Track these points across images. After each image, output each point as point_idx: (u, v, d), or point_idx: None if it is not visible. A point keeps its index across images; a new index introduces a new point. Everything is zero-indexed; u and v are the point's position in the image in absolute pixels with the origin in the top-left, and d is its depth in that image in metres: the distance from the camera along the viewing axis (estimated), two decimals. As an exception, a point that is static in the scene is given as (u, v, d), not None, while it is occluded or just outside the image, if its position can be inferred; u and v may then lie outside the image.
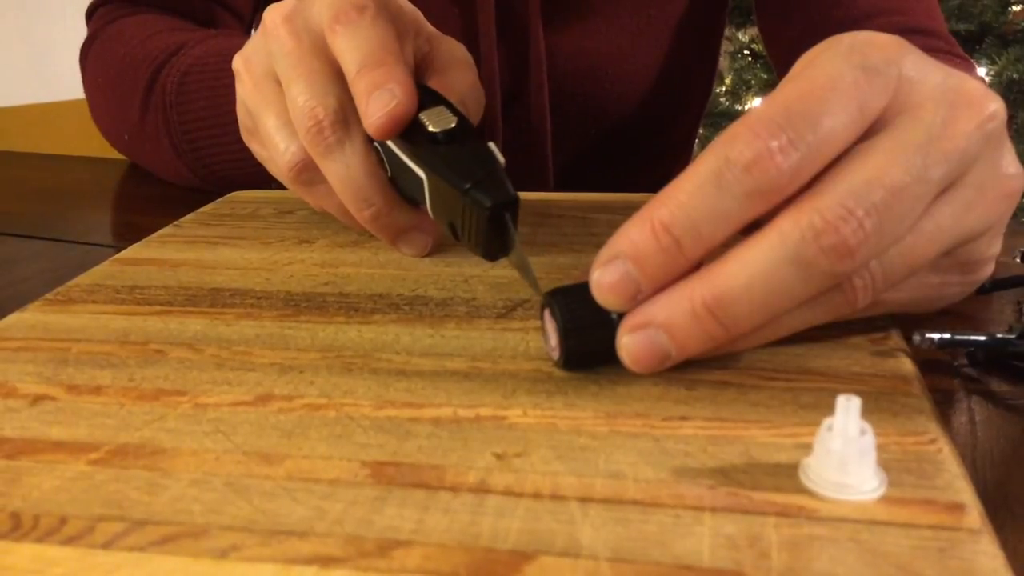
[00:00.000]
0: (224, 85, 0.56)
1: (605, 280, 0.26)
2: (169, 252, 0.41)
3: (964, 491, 0.22)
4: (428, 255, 0.40)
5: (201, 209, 0.49)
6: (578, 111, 0.72)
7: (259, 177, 0.46)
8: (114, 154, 0.71)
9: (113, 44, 0.66)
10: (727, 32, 2.04)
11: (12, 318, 0.34)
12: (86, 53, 0.69)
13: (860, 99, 0.25)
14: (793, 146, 0.25)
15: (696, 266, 0.26)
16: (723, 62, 2.08)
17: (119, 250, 0.42)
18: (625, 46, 0.71)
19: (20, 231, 0.54)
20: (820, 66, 0.26)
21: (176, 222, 0.46)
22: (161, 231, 0.45)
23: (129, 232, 0.52)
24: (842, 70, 0.26)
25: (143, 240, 0.43)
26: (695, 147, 0.85)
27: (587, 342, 0.28)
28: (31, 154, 0.82)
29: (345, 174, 0.37)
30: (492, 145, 0.34)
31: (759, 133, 0.25)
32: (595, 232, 0.43)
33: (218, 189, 0.61)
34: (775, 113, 0.25)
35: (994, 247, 0.30)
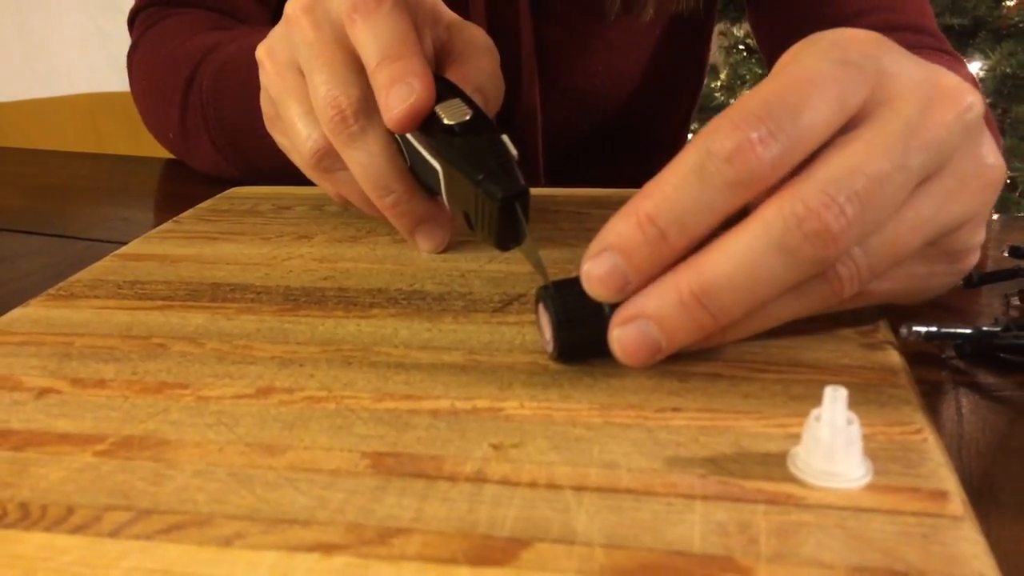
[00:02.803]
0: (256, 79, 0.57)
1: (594, 272, 0.27)
2: (169, 248, 0.42)
3: (948, 479, 0.23)
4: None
5: (200, 205, 0.49)
6: (568, 106, 0.72)
7: (296, 168, 0.46)
8: (110, 150, 0.71)
9: (154, 48, 0.67)
10: (722, 27, 2.05)
11: (16, 313, 0.35)
12: (131, 59, 0.70)
13: (839, 92, 0.26)
14: (773, 137, 0.25)
15: (684, 256, 0.27)
16: (718, 57, 2.09)
17: (119, 246, 0.43)
18: (614, 41, 0.71)
19: (21, 227, 0.54)
20: (799, 62, 0.27)
21: (175, 218, 0.47)
22: (161, 227, 0.45)
23: (129, 227, 0.53)
24: (820, 64, 0.26)
25: (143, 236, 0.44)
26: (688, 141, 0.85)
27: (580, 335, 0.28)
28: (29, 150, 0.82)
29: (367, 162, 0.38)
30: (506, 138, 0.35)
31: (739, 125, 0.25)
32: (590, 227, 0.43)
33: (260, 182, 0.62)
34: (755, 106, 0.26)
35: (979, 236, 0.30)
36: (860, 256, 0.26)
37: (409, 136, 0.37)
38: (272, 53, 0.41)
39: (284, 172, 0.45)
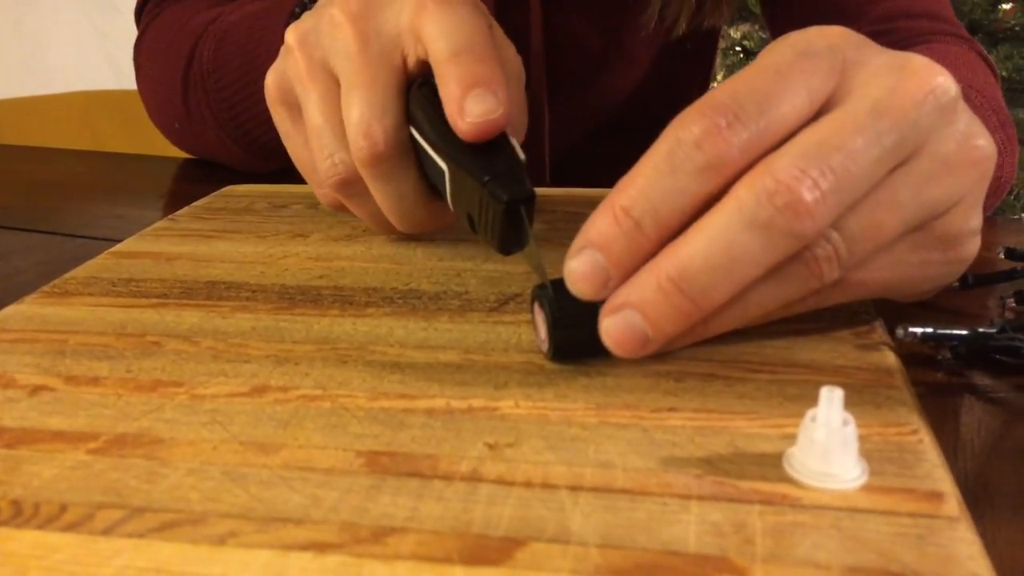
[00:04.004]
0: (256, 41, 0.56)
1: (576, 270, 0.27)
2: (164, 245, 0.42)
3: (943, 480, 0.23)
4: (421, 249, 0.40)
5: (195, 203, 0.49)
6: (576, 105, 0.72)
7: None
8: (105, 148, 0.71)
9: (157, 35, 0.67)
10: (719, 28, 2.05)
11: (9, 310, 0.35)
12: (138, 51, 0.70)
13: (805, 81, 0.26)
14: (740, 122, 0.25)
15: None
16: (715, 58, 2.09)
17: (114, 243, 0.42)
18: (623, 41, 0.71)
19: (15, 224, 0.54)
20: (765, 56, 0.27)
21: (171, 215, 0.47)
22: (156, 224, 0.45)
23: (124, 225, 0.53)
24: (787, 56, 0.27)
25: (138, 233, 0.44)
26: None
27: (575, 334, 0.28)
28: (24, 147, 0.82)
29: (397, 199, 0.36)
30: (515, 142, 0.35)
31: (706, 113, 0.26)
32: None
33: (264, 161, 0.60)
34: (723, 96, 0.26)
35: (972, 220, 0.30)
36: (837, 239, 0.26)
37: (417, 136, 0.36)
38: (304, 43, 0.37)
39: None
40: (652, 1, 0.64)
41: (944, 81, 0.27)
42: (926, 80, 0.27)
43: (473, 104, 0.32)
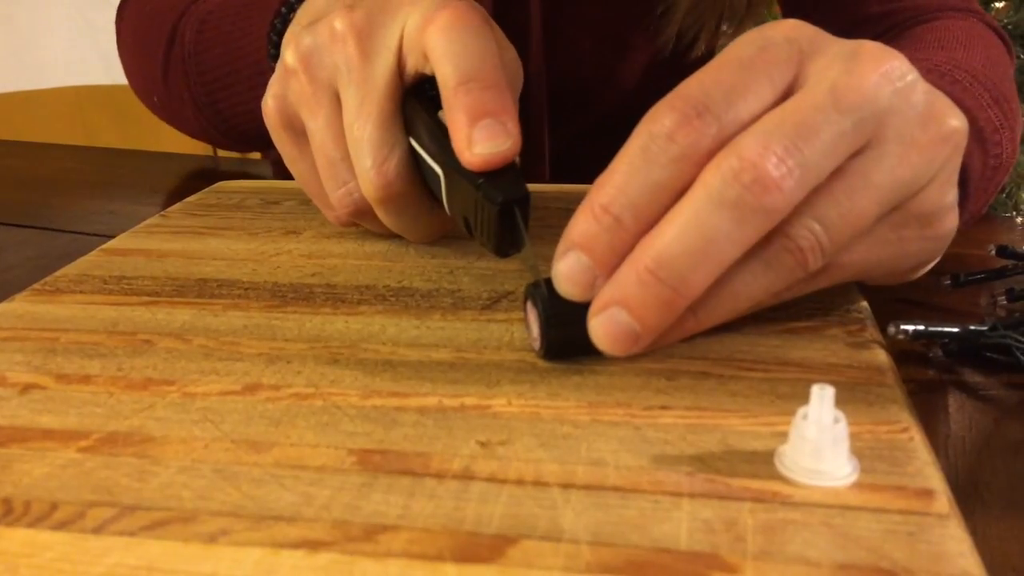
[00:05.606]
0: (241, 32, 0.55)
1: (562, 272, 0.27)
2: (156, 242, 0.42)
3: (934, 477, 0.23)
4: (414, 246, 0.40)
5: (187, 199, 0.49)
6: (576, 105, 0.72)
7: None
8: (98, 143, 0.71)
9: (140, 4, 0.65)
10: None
11: (0, 308, 0.34)
12: (121, 15, 0.68)
13: (767, 71, 0.27)
14: (710, 112, 0.26)
15: None
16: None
17: (106, 239, 0.42)
18: (625, 38, 0.71)
19: (6, 219, 0.54)
20: (728, 52, 0.28)
21: (163, 212, 0.47)
22: (148, 221, 0.45)
23: (116, 221, 0.53)
24: (747, 50, 0.28)
25: (130, 230, 0.44)
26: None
27: (568, 332, 0.28)
28: (15, 142, 0.82)
29: (409, 220, 0.37)
30: None
31: (677, 106, 0.26)
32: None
33: (241, 146, 0.60)
34: (691, 89, 0.27)
35: (947, 196, 0.30)
36: (819, 229, 0.27)
37: (413, 142, 0.36)
38: (308, 65, 0.36)
39: (269, 140, 0.43)
40: (669, 24, 0.65)
41: (899, 64, 0.27)
42: (879, 64, 0.27)
43: (481, 135, 0.32)
